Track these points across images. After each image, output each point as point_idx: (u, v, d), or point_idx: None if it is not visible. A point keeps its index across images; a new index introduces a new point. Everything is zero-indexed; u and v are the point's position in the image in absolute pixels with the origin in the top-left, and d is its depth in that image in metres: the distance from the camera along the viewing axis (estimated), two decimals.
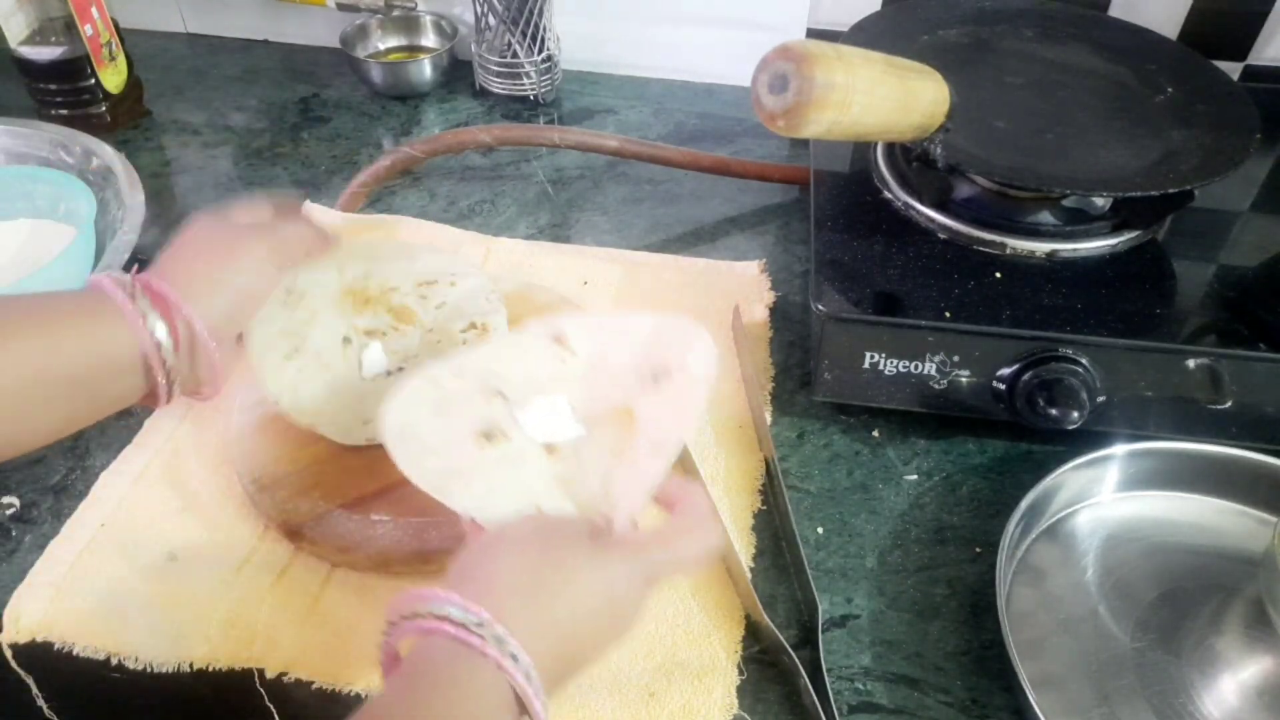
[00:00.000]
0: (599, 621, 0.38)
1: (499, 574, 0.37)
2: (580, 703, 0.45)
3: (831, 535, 0.54)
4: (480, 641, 0.34)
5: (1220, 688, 0.46)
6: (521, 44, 0.86)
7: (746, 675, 0.47)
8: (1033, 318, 0.54)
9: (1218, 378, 0.53)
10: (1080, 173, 0.59)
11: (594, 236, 0.74)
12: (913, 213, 0.62)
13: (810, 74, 0.48)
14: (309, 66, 0.96)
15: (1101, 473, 0.54)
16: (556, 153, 0.83)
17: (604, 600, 0.38)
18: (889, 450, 0.59)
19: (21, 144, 0.75)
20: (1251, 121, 0.61)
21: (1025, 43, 0.73)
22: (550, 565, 0.37)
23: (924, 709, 0.47)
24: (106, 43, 0.83)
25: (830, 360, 0.56)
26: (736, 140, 0.85)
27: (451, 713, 0.34)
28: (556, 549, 0.38)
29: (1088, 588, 0.51)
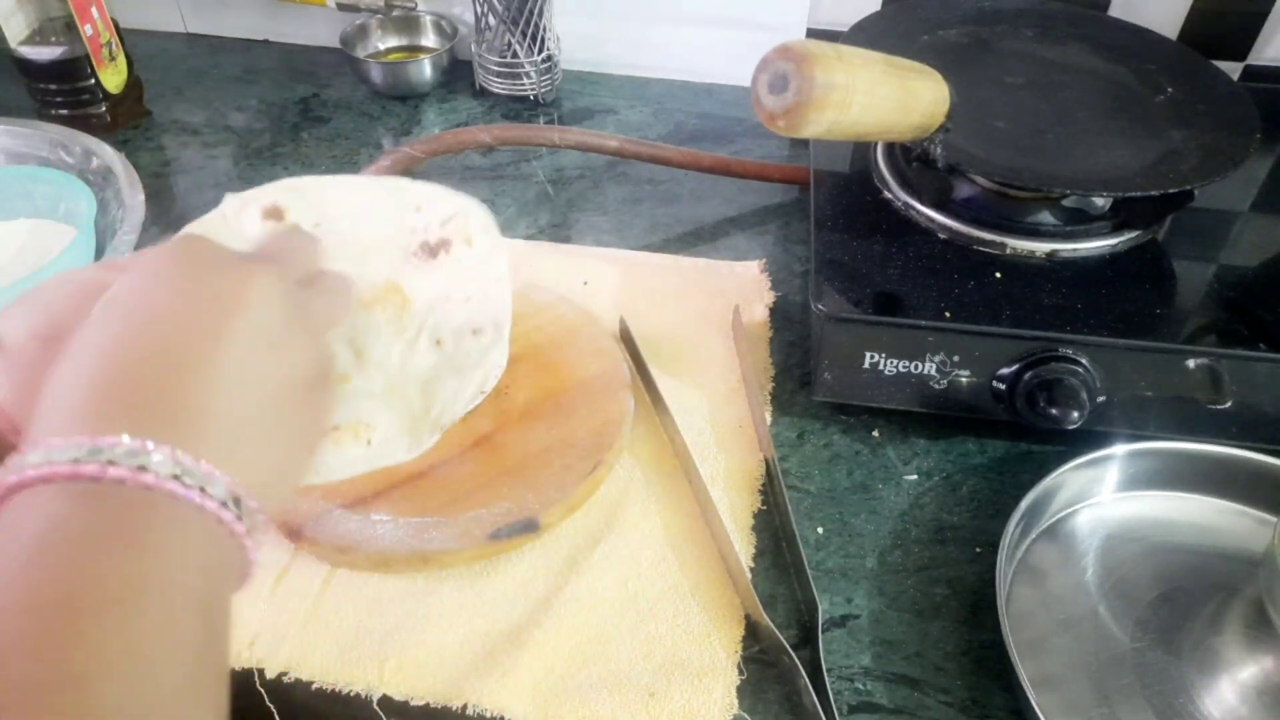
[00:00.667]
0: (272, 373, 0.30)
1: (104, 371, 0.27)
2: (580, 702, 0.46)
3: (831, 535, 0.54)
4: (140, 475, 0.25)
5: (1220, 688, 0.46)
6: (521, 44, 0.86)
7: (746, 675, 0.47)
8: (1033, 318, 0.54)
9: (1218, 378, 0.53)
10: (1080, 173, 0.59)
11: (594, 236, 0.74)
12: (913, 213, 0.62)
13: (810, 74, 0.48)
14: (309, 66, 0.96)
15: (1101, 473, 0.54)
16: (556, 153, 0.83)
17: (256, 340, 0.29)
18: (889, 450, 0.59)
19: (21, 144, 0.75)
20: (1251, 121, 0.61)
21: (1025, 43, 0.73)
22: (160, 324, 0.28)
23: (924, 709, 0.47)
24: (106, 43, 0.83)
25: (830, 360, 0.56)
26: (736, 140, 0.85)
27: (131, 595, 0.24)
28: (157, 301, 0.29)
29: (1088, 588, 0.51)
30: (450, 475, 0.53)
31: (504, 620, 0.49)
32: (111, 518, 0.25)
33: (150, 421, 0.26)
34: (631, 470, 0.56)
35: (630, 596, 0.50)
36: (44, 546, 0.24)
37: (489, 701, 0.45)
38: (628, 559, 0.52)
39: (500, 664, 0.47)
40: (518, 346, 0.61)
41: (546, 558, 0.52)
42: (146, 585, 0.25)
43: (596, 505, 0.54)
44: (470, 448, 0.55)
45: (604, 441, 0.55)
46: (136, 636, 0.24)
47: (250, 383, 0.29)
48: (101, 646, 0.23)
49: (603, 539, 0.52)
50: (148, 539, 0.25)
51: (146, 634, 0.24)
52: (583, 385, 0.59)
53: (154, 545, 0.25)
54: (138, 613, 0.24)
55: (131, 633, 0.24)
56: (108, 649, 0.23)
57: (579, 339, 0.62)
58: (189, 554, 0.26)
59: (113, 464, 0.25)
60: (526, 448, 0.55)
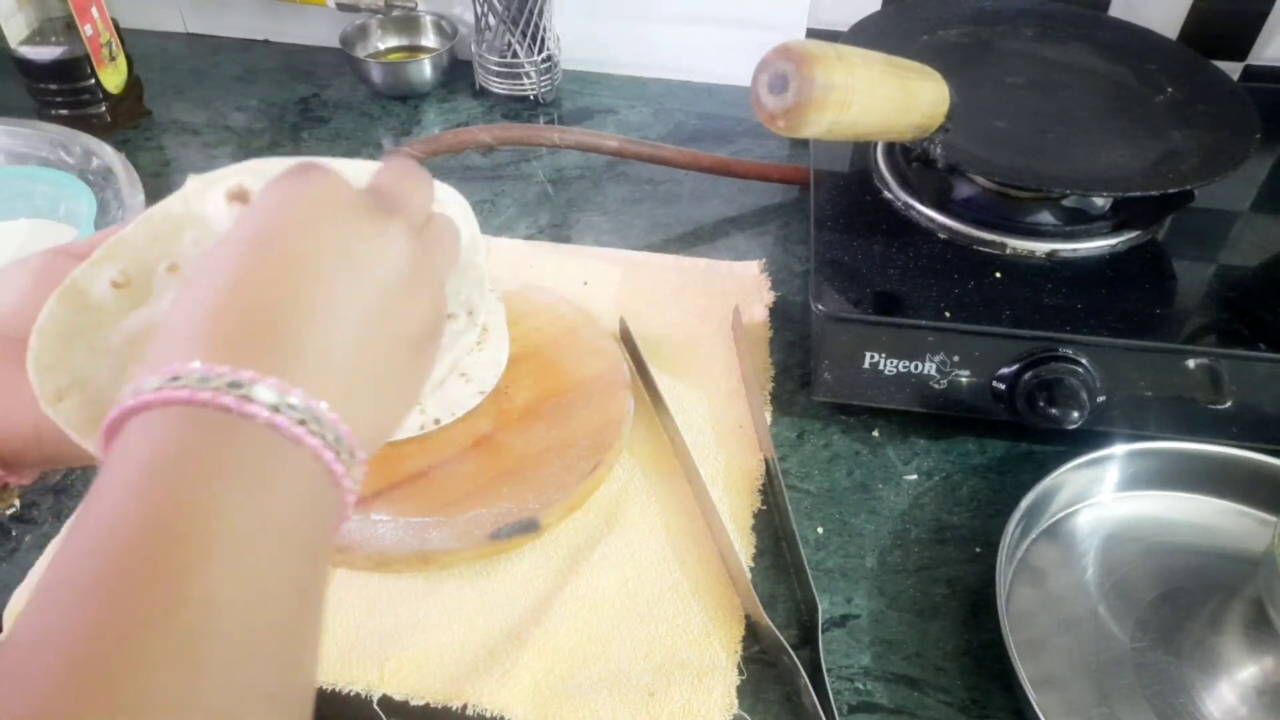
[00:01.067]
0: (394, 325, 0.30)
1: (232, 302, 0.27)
2: (580, 702, 0.46)
3: (831, 535, 0.54)
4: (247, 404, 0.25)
5: (1220, 688, 0.46)
6: (521, 44, 0.86)
7: (746, 675, 0.47)
8: (1033, 318, 0.54)
9: (1218, 378, 0.53)
10: (1080, 173, 0.59)
11: (594, 236, 0.74)
12: (913, 213, 0.62)
13: (810, 74, 0.48)
14: (309, 66, 0.96)
15: (1101, 473, 0.54)
16: (556, 153, 0.83)
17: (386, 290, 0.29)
18: (889, 450, 0.59)
19: (21, 144, 0.75)
20: (1251, 121, 0.61)
21: (1025, 43, 0.73)
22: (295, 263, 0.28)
23: (924, 709, 0.47)
24: (106, 43, 0.83)
25: (830, 360, 0.56)
26: (736, 140, 0.85)
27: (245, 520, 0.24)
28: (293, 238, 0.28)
29: (1088, 588, 0.51)
30: (450, 475, 0.53)
31: (504, 620, 0.49)
32: (222, 445, 0.25)
33: (270, 356, 0.26)
34: (631, 470, 0.56)
35: (630, 596, 0.50)
36: (155, 470, 0.24)
37: (489, 701, 0.45)
38: (628, 559, 0.52)
39: (500, 664, 0.47)
40: (518, 346, 0.61)
41: (546, 558, 0.52)
42: (256, 515, 0.25)
43: (596, 505, 0.54)
44: (470, 448, 0.55)
45: (604, 441, 0.55)
46: (249, 565, 0.24)
47: (373, 334, 0.29)
48: (216, 571, 0.23)
49: (603, 539, 0.52)
50: (253, 468, 0.25)
51: (260, 563, 0.24)
52: (583, 385, 0.59)
53: (260, 475, 0.25)
54: (249, 542, 0.24)
55: (245, 561, 0.24)
56: (222, 574, 0.23)
57: (579, 339, 0.62)
58: (292, 488, 0.26)
59: (225, 392, 0.25)
60: (526, 448, 0.55)
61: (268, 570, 0.24)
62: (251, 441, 0.25)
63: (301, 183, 0.29)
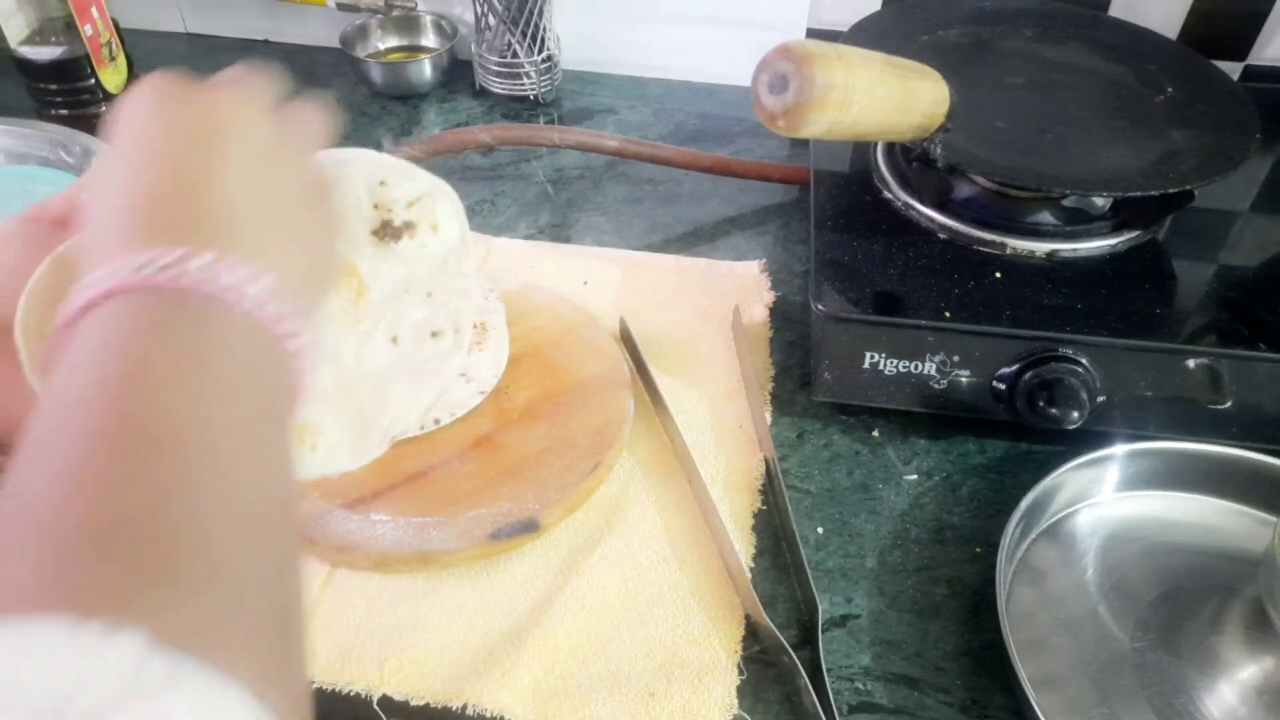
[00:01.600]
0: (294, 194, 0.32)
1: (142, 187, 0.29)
2: (580, 702, 0.46)
3: (831, 535, 0.54)
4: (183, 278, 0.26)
5: (1220, 688, 0.46)
6: (521, 44, 0.86)
7: (746, 675, 0.47)
8: (1033, 318, 0.54)
9: (1218, 378, 0.53)
10: (1080, 173, 0.59)
11: (594, 236, 0.74)
12: (913, 213, 0.62)
13: (810, 74, 0.48)
14: (309, 66, 0.96)
15: (1101, 473, 0.54)
16: (556, 153, 0.83)
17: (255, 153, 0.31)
18: (889, 450, 0.59)
19: (21, 144, 0.75)
20: (1251, 121, 0.61)
21: (1025, 43, 0.73)
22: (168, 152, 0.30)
23: (924, 709, 0.47)
24: (106, 43, 0.83)
25: (830, 360, 0.56)
26: (736, 140, 0.85)
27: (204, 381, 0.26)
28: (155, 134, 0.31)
29: (1088, 588, 0.51)
30: (450, 475, 0.53)
31: (504, 620, 0.49)
32: (161, 316, 0.27)
33: (185, 235, 0.28)
34: (631, 470, 0.56)
35: (630, 596, 0.50)
36: (116, 341, 0.26)
37: (489, 701, 0.45)
38: (628, 559, 0.52)
39: (500, 664, 0.47)
40: (517, 346, 0.61)
41: (546, 558, 0.52)
42: (199, 359, 0.26)
43: (596, 505, 0.54)
44: (470, 448, 0.55)
45: (604, 441, 0.55)
46: (212, 402, 0.26)
47: (260, 194, 0.31)
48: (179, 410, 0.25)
49: (603, 539, 0.52)
50: (203, 329, 0.27)
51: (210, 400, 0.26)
52: (583, 385, 0.59)
53: (200, 333, 0.27)
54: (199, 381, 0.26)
55: (206, 397, 0.26)
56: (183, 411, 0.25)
57: (579, 339, 0.62)
58: (236, 344, 0.28)
59: (164, 270, 0.27)
60: (526, 448, 0.55)
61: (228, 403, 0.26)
62: (186, 307, 0.27)
63: (144, 92, 0.32)
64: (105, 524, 0.22)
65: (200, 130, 0.31)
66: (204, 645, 0.21)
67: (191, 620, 0.22)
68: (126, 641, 0.20)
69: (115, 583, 0.21)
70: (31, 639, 0.19)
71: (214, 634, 0.22)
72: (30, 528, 0.22)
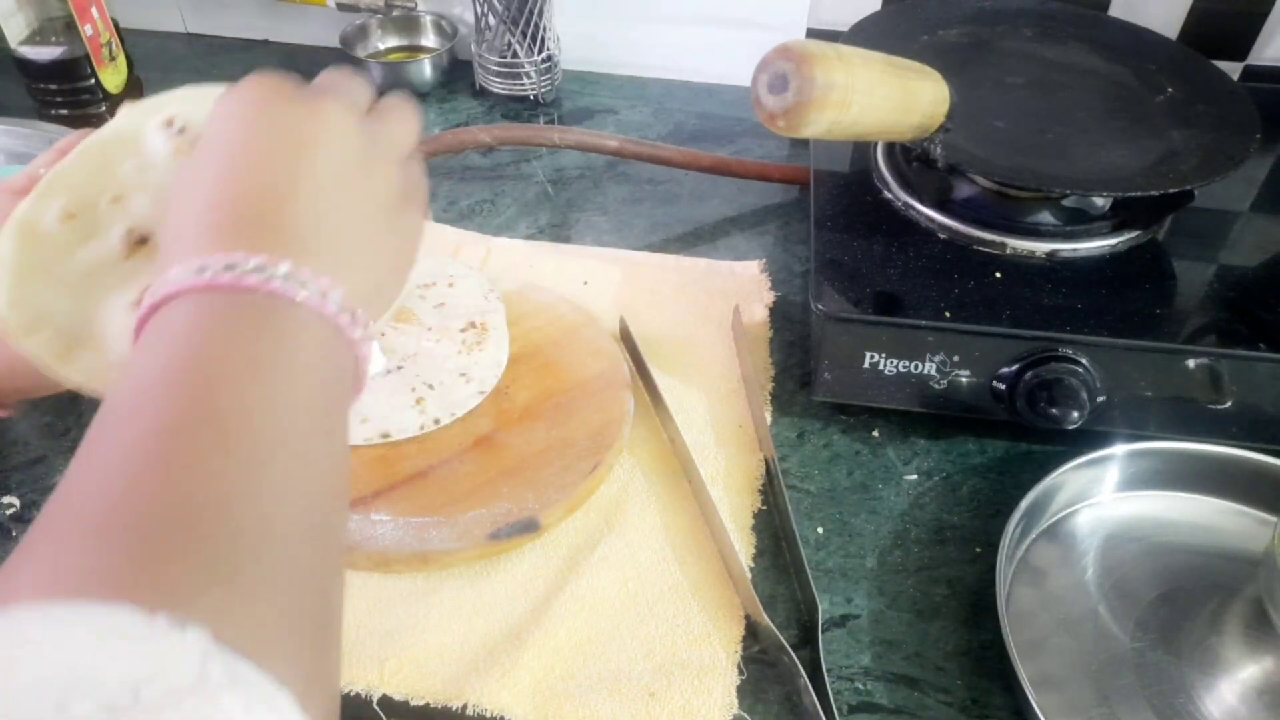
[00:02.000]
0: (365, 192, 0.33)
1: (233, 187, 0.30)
2: (580, 702, 0.46)
3: (831, 535, 0.54)
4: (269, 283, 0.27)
5: (1220, 688, 0.46)
6: (521, 44, 0.86)
7: (746, 675, 0.47)
8: (1033, 318, 0.54)
9: (1218, 378, 0.53)
10: (1080, 173, 0.59)
11: (594, 236, 0.74)
12: (913, 213, 0.62)
13: (810, 74, 0.48)
14: (309, 66, 0.94)
15: (1101, 473, 0.54)
16: (556, 153, 0.83)
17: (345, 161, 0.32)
18: (889, 450, 0.59)
19: (21, 144, 0.75)
20: (1251, 121, 0.61)
21: (1025, 43, 0.73)
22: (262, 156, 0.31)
23: (924, 709, 0.47)
24: (106, 43, 0.83)
25: (830, 360, 0.56)
26: (736, 140, 0.85)
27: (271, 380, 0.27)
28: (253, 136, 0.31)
29: (1088, 588, 0.51)
30: (450, 475, 0.53)
31: (504, 620, 0.49)
32: (241, 316, 0.27)
33: (267, 243, 0.29)
34: (631, 470, 0.56)
35: (630, 596, 0.50)
36: (188, 338, 0.27)
37: (489, 701, 0.45)
38: (628, 559, 0.52)
39: (500, 664, 0.47)
40: (517, 346, 0.61)
41: (546, 558, 0.52)
42: (275, 360, 0.27)
43: (596, 505, 0.54)
44: (470, 448, 0.55)
45: (604, 441, 0.55)
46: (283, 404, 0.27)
47: (344, 205, 0.32)
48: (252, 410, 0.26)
49: (603, 539, 0.52)
50: (279, 334, 0.28)
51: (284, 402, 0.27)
52: (583, 385, 0.59)
53: (284, 340, 0.28)
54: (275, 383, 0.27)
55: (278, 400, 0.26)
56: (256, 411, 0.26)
57: (579, 339, 0.62)
58: (313, 352, 0.28)
59: (242, 275, 0.27)
60: (526, 448, 0.55)
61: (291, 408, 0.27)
62: (261, 311, 0.28)
63: (243, 92, 0.33)
64: (174, 515, 0.23)
65: (296, 138, 0.32)
66: (259, 649, 0.21)
67: (249, 623, 0.22)
68: (194, 637, 0.20)
69: (182, 576, 0.22)
70: (102, 626, 0.20)
71: (269, 639, 0.22)
72: (99, 511, 0.23)
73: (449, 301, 0.63)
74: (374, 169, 0.34)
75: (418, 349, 0.59)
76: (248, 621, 0.22)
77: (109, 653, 0.19)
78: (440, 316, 0.62)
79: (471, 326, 0.61)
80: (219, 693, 0.20)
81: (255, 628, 0.22)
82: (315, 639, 0.24)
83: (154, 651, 0.20)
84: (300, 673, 0.22)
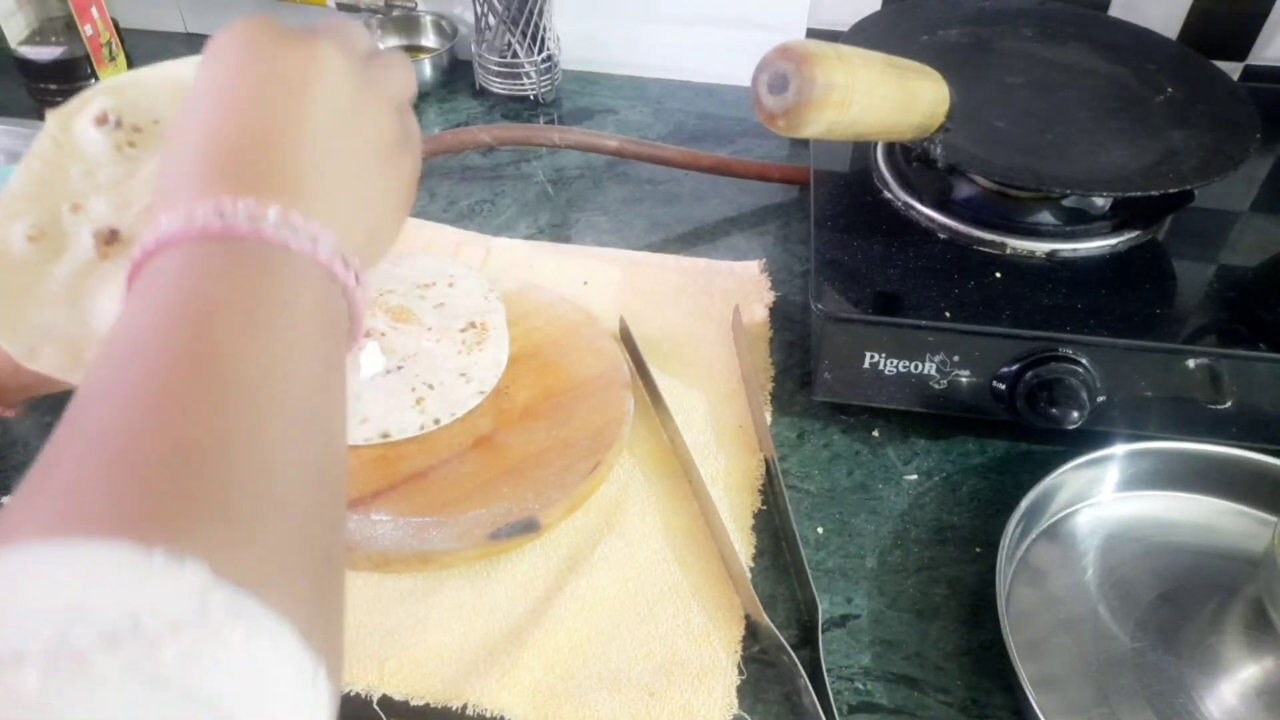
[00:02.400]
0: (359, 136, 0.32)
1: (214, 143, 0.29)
2: (580, 702, 0.46)
3: (831, 535, 0.54)
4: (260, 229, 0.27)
5: (1220, 688, 0.46)
6: (521, 44, 0.86)
7: (746, 675, 0.47)
8: (1033, 318, 0.54)
9: (1218, 378, 0.53)
10: (1080, 173, 0.59)
11: (594, 236, 0.74)
12: (913, 213, 0.62)
13: (810, 74, 0.48)
14: None
15: (1101, 473, 0.54)
16: (556, 153, 0.83)
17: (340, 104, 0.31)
18: (889, 450, 0.59)
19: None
20: (1251, 121, 0.61)
21: (1025, 43, 0.73)
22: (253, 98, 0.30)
23: (924, 709, 0.47)
24: (106, 43, 0.83)
25: (830, 360, 0.56)
26: (736, 140, 0.85)
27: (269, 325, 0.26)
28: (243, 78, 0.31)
29: (1088, 588, 0.51)
30: (450, 475, 0.53)
31: (504, 620, 0.49)
32: (234, 261, 0.27)
33: (258, 188, 0.28)
34: (631, 470, 0.56)
35: (630, 596, 0.50)
36: (181, 284, 0.26)
37: (489, 701, 0.45)
38: (628, 559, 0.52)
39: (500, 664, 0.47)
40: (517, 346, 0.61)
41: (546, 558, 0.52)
42: (269, 304, 0.27)
43: (596, 505, 0.54)
44: (470, 448, 0.55)
45: (604, 441, 0.55)
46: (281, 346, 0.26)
47: (338, 149, 0.31)
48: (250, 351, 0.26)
49: (603, 539, 0.52)
50: (272, 280, 0.27)
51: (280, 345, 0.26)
52: (583, 385, 0.59)
53: (278, 285, 0.27)
54: (271, 326, 0.26)
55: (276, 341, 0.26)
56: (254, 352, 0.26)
57: (579, 339, 0.62)
58: (307, 297, 0.28)
59: (231, 221, 0.27)
60: (526, 448, 0.55)
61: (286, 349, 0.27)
62: (254, 256, 0.27)
63: (233, 35, 0.32)
64: (174, 454, 0.23)
65: (289, 78, 0.31)
66: (259, 583, 0.22)
67: (250, 558, 0.22)
68: (192, 571, 0.20)
69: (181, 512, 0.22)
70: (101, 561, 0.20)
71: (269, 574, 0.22)
72: (99, 452, 0.23)
73: (449, 301, 0.63)
74: (369, 113, 0.33)
75: (418, 349, 0.59)
76: (247, 556, 0.22)
77: (108, 585, 0.20)
78: (440, 316, 0.62)
79: (471, 326, 0.61)
80: (220, 624, 0.20)
81: (255, 563, 0.22)
82: (317, 576, 0.25)
83: (152, 585, 0.20)
84: (302, 608, 0.23)
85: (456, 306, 0.62)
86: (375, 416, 0.55)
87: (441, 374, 0.58)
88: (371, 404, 0.56)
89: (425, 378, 0.58)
